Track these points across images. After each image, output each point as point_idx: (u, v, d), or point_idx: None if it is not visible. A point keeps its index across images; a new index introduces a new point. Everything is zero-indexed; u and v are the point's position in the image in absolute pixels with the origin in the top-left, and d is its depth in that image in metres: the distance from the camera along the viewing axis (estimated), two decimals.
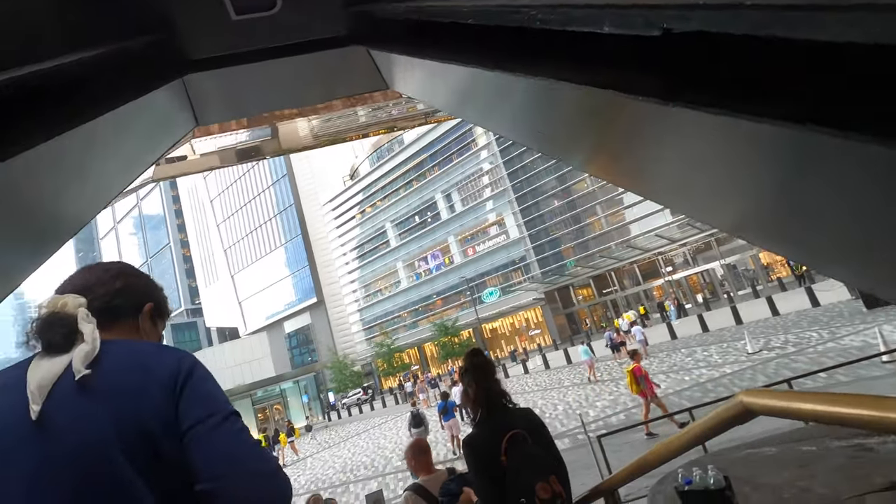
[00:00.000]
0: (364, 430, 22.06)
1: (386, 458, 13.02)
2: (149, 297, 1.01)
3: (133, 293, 0.97)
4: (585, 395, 13.81)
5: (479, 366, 2.22)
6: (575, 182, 42.91)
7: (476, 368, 2.21)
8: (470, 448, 2.07)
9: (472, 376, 2.19)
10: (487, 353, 12.01)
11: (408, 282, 55.00)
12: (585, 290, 44.65)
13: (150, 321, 0.99)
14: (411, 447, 2.88)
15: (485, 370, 2.21)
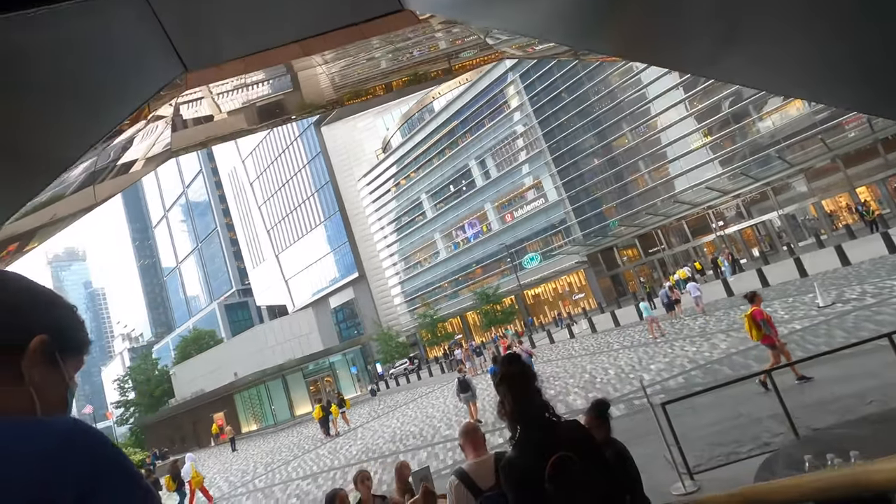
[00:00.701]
0: (412, 399, 22.30)
1: (434, 428, 12.96)
2: (35, 324, 0.65)
3: (13, 325, 0.64)
4: (638, 357, 13.17)
5: (515, 374, 1.89)
6: (615, 137, 40.84)
7: (512, 378, 1.88)
8: (508, 474, 1.75)
9: (508, 387, 1.86)
10: (531, 320, 11.47)
11: (446, 252, 54.82)
12: (630, 251, 43.07)
13: (42, 365, 0.64)
14: (460, 431, 2.68)
15: (523, 379, 1.88)
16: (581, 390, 11.46)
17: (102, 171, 2.96)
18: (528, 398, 1.84)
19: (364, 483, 3.87)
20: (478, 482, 2.30)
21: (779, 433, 5.29)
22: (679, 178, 37.51)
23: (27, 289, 0.68)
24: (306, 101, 3.72)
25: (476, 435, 2.59)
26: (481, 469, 2.37)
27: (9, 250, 2.34)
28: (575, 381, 12.93)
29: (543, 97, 44.29)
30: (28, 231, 2.37)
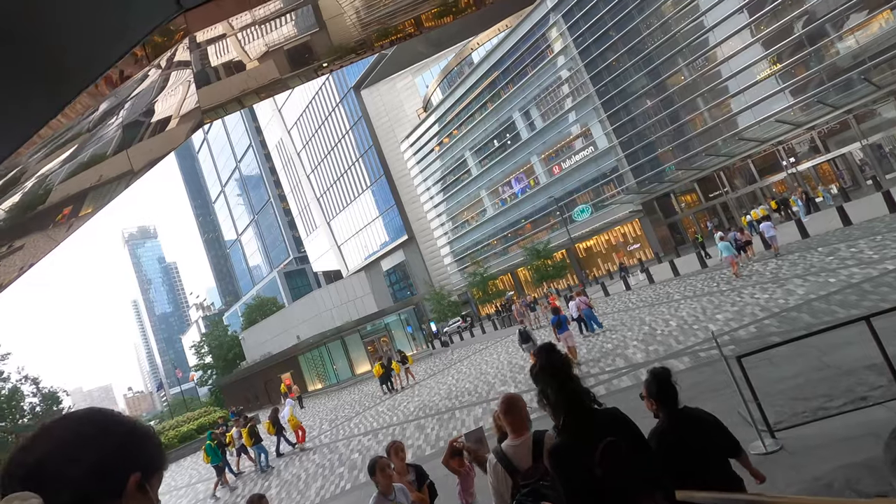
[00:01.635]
0: (466, 356, 22.54)
1: (489, 384, 12.97)
2: (132, 462, 0.72)
3: (111, 466, 0.70)
4: (702, 307, 12.42)
5: (555, 364, 1.96)
6: (670, 75, 37.74)
7: (552, 367, 1.95)
8: (557, 461, 1.83)
9: (551, 377, 1.92)
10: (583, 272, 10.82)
11: (493, 209, 54.02)
12: (689, 196, 40.61)
13: (139, 497, 0.71)
14: (500, 404, 2.47)
15: (562, 368, 1.94)
16: (640, 343, 10.98)
17: (133, 130, 2.81)
18: (571, 387, 1.88)
19: (398, 455, 3.62)
20: (515, 462, 2.23)
21: (878, 385, 4.69)
22: (743, 113, 34.38)
23: (121, 425, 0.73)
24: (335, 44, 3.36)
25: (518, 412, 2.38)
26: (520, 450, 2.26)
27: (64, 213, 2.37)
28: (633, 333, 12.42)
29: (589, 37, 41.37)
30: (78, 193, 2.40)
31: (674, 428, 2.60)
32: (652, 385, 2.72)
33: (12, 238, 2.39)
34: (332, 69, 3.25)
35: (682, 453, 2.51)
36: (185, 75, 2.97)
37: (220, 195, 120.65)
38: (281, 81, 3.66)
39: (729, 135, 34.85)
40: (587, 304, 15.01)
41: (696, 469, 2.48)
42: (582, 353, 12.41)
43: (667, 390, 2.66)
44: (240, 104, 3.63)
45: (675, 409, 2.66)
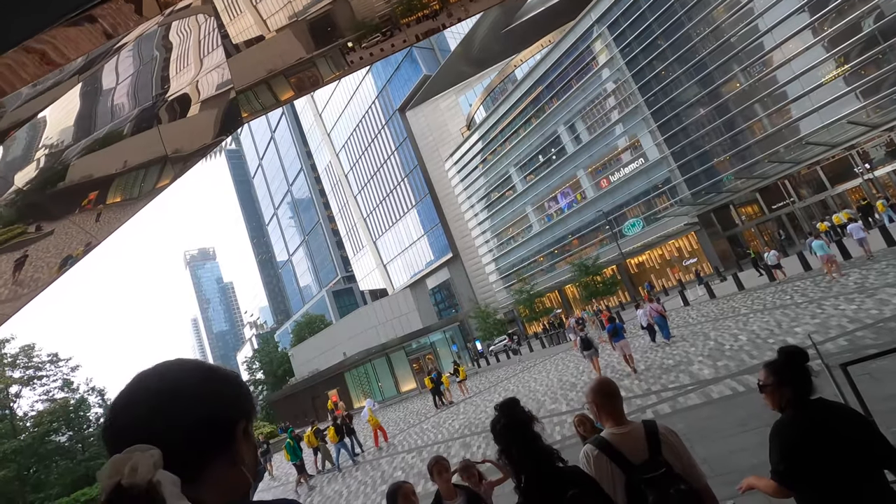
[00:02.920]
0: (513, 374, 21.74)
1: (538, 402, 12.24)
2: (239, 409, 0.74)
3: (223, 415, 0.71)
4: (775, 320, 11.24)
5: (520, 421, 1.88)
6: (724, 81, 36.00)
7: (518, 424, 1.87)
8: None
9: (514, 433, 1.85)
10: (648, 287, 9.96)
11: (539, 225, 53.02)
12: (750, 208, 38.21)
13: (245, 444, 0.73)
14: (594, 388, 2.16)
15: (528, 424, 1.87)
16: (707, 359, 9.99)
17: (154, 105, 2.58)
18: (537, 445, 1.81)
19: (441, 476, 2.98)
20: (627, 454, 1.89)
21: None
22: (807, 118, 32.13)
23: (224, 372, 0.75)
24: (358, 18, 3.01)
25: (618, 397, 2.11)
26: (628, 440, 1.95)
27: (89, 198, 2.19)
28: (697, 349, 11.38)
29: (636, 47, 40.33)
30: (103, 178, 2.21)
31: (810, 421, 2.02)
32: (784, 367, 2.14)
33: (37, 217, 2.18)
34: (362, 57, 2.91)
35: (821, 455, 1.94)
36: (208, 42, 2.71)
37: (273, 217, 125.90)
38: (310, 63, 3.33)
39: (793, 140, 32.65)
40: (659, 312, 14.07)
41: (842, 478, 1.91)
42: (640, 370, 11.48)
43: (803, 374, 2.10)
44: (272, 94, 3.31)
45: (810, 399, 2.08)
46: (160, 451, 0.57)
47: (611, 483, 1.85)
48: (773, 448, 2.08)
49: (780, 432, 2.07)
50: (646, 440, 1.93)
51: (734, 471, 4.64)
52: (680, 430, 6.34)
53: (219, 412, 0.68)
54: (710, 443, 5.53)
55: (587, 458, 1.97)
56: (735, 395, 6.99)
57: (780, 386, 2.13)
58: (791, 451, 2.00)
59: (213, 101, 2.93)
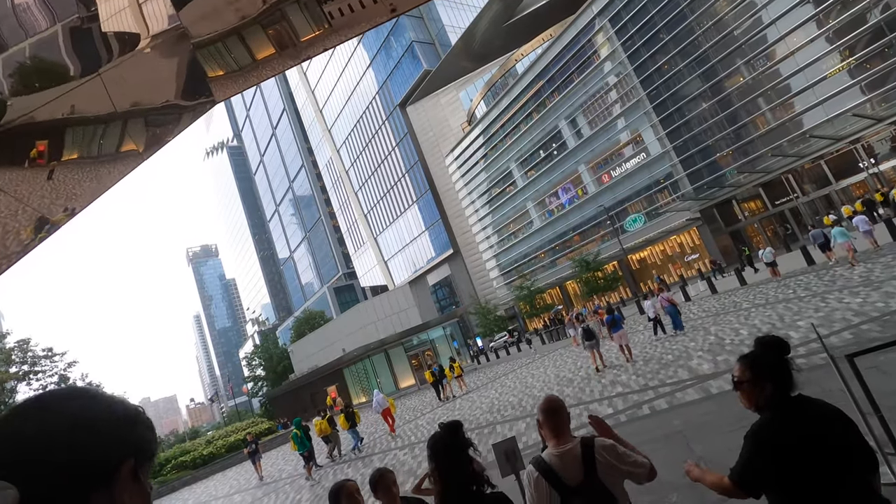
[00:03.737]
0: (511, 370, 21.47)
1: (534, 398, 11.97)
2: (124, 447, 0.64)
3: (100, 452, 0.62)
4: (777, 314, 10.93)
5: (461, 445, 1.95)
6: (726, 74, 35.52)
7: (457, 448, 1.94)
8: None
9: (451, 456, 1.91)
10: (660, 278, 9.52)
11: (540, 221, 52.67)
12: (753, 203, 37.79)
13: (130, 488, 0.63)
14: (540, 405, 2.22)
15: (466, 450, 1.94)
16: (706, 353, 9.70)
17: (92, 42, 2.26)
18: (470, 469, 1.88)
19: (388, 493, 2.53)
20: (563, 477, 1.95)
21: None
22: (811, 111, 31.66)
23: (111, 406, 0.65)
24: None
25: (560, 415, 2.14)
26: (566, 460, 1.99)
27: (39, 149, 1.96)
28: (697, 343, 11.09)
29: (638, 40, 39.86)
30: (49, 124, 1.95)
31: (788, 422, 1.75)
32: (762, 358, 1.86)
33: None
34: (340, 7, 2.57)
35: (802, 459, 1.68)
36: None
37: (275, 214, 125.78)
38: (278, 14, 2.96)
39: (797, 134, 32.21)
40: (670, 301, 13.81)
41: (822, 483, 1.65)
42: (639, 365, 11.20)
43: (783, 367, 1.81)
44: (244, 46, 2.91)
45: (790, 397, 1.80)
46: (16, 492, 0.51)
47: (548, 501, 1.91)
48: (746, 451, 1.80)
49: (757, 435, 1.79)
50: (581, 461, 1.96)
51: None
52: (676, 426, 6.07)
53: (98, 449, 0.60)
54: (707, 440, 5.25)
55: (529, 478, 2.02)
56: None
57: (758, 382, 1.85)
58: (770, 456, 1.72)
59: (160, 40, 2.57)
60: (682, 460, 5.14)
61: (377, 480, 2.57)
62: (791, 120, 32.82)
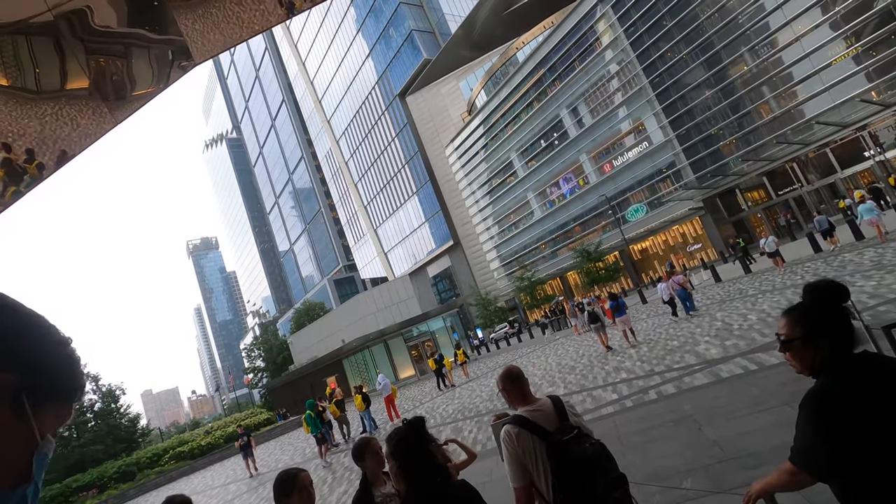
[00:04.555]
0: (512, 360, 21.22)
1: (535, 385, 11.69)
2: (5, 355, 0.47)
3: None
4: (787, 300, 10.59)
5: (423, 439, 1.93)
6: (730, 61, 34.93)
7: (420, 443, 1.92)
8: None
9: (413, 451, 1.90)
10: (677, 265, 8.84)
11: (541, 211, 52.26)
12: (756, 193, 37.37)
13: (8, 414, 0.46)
14: (501, 376, 2.39)
15: (428, 444, 1.93)
16: (714, 339, 9.38)
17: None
18: (433, 463, 1.88)
19: (375, 457, 2.48)
20: (543, 425, 2.08)
21: None
22: (816, 98, 31.12)
23: (13, 317, 0.49)
24: None
25: (523, 380, 2.36)
26: (540, 414, 2.14)
27: None
28: (703, 329, 10.77)
29: (641, 26, 39.22)
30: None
31: (854, 384, 1.37)
32: (815, 309, 1.46)
33: None
34: None
35: (876, 430, 1.31)
36: None
37: (275, 206, 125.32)
38: None
39: (802, 121, 31.70)
40: (681, 284, 13.75)
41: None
42: (643, 352, 10.89)
43: (843, 319, 1.43)
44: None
45: (852, 355, 1.43)
46: None
47: (533, 451, 2.01)
48: (805, 426, 1.41)
49: (816, 401, 1.39)
50: (555, 411, 2.14)
51: (749, 453, 4.04)
52: (686, 411, 5.74)
53: None
54: (720, 424, 4.93)
55: (510, 436, 2.07)
56: (746, 373, 6.38)
57: (812, 339, 1.45)
58: (836, 429, 1.34)
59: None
60: (694, 445, 4.84)
61: (364, 446, 2.52)
62: (796, 107, 32.31)
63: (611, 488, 1.92)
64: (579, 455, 1.95)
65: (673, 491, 3.92)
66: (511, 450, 2.06)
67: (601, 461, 1.97)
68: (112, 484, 21.66)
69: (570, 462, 1.94)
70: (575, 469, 1.93)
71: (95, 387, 31.05)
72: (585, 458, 1.94)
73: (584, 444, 1.99)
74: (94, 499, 20.41)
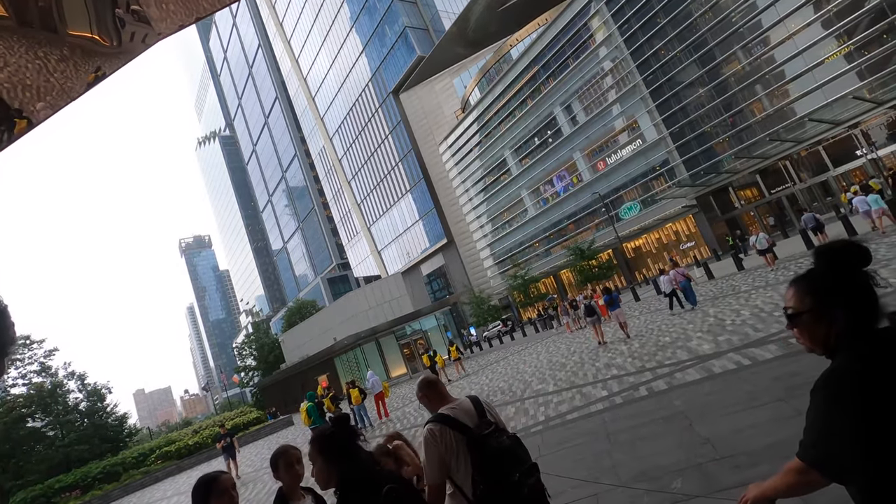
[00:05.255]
0: (503, 357, 20.99)
1: (525, 383, 11.46)
2: None
3: None
4: (781, 294, 10.40)
5: (348, 434, 1.92)
6: (723, 59, 34.82)
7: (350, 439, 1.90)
8: None
9: (343, 448, 1.88)
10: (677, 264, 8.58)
11: (535, 209, 52.08)
12: (749, 191, 37.34)
13: None
14: (419, 384, 2.42)
15: (357, 439, 1.92)
16: (706, 334, 9.17)
17: None
18: (360, 453, 1.88)
19: (289, 471, 2.25)
20: (464, 421, 2.15)
21: None
22: (809, 96, 31.06)
23: None
24: None
25: (439, 384, 2.45)
26: (461, 410, 2.22)
27: None
28: (696, 325, 10.57)
29: (635, 23, 39.06)
30: None
31: (877, 364, 1.10)
32: (828, 275, 1.20)
33: None
34: None
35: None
36: None
37: (268, 205, 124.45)
38: None
39: (795, 119, 31.67)
40: (685, 276, 13.79)
41: None
42: (634, 348, 10.67)
43: (864, 286, 1.17)
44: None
45: (875, 329, 1.17)
46: None
47: (454, 446, 2.08)
48: (818, 415, 1.15)
49: (831, 386, 1.13)
50: (474, 408, 2.23)
51: (743, 452, 3.79)
52: (677, 407, 5.49)
53: None
54: (712, 421, 4.69)
55: (433, 434, 2.11)
56: (740, 368, 6.16)
57: (825, 311, 1.19)
58: (856, 417, 1.07)
59: None
60: (685, 443, 4.60)
61: (279, 457, 2.30)
62: (788, 105, 32.27)
63: (525, 476, 2.06)
64: (497, 447, 2.08)
65: (661, 494, 3.66)
66: (433, 447, 2.11)
67: (517, 452, 2.12)
68: (96, 484, 21.23)
69: (489, 454, 2.06)
70: (493, 461, 2.06)
71: (81, 385, 30.51)
72: (503, 450, 2.08)
73: (502, 437, 2.12)
74: (77, 500, 19.98)
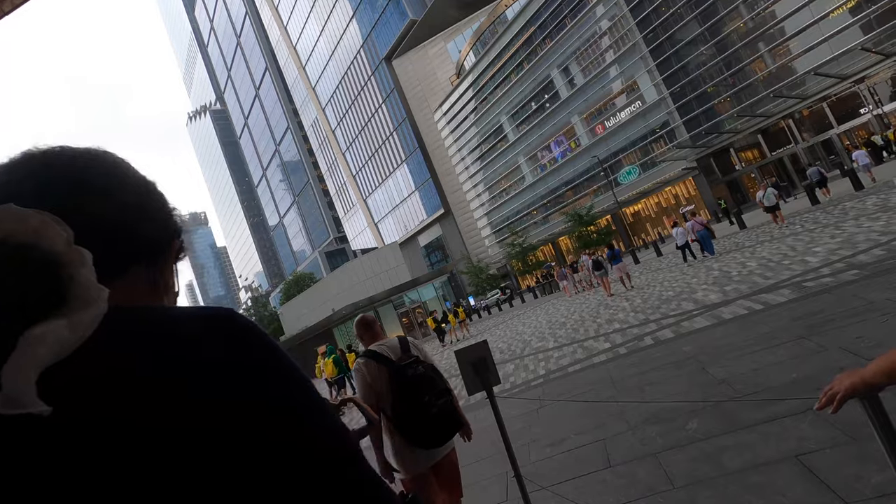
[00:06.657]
0: (503, 321, 20.83)
1: (524, 342, 11.21)
2: (174, 224, 0.56)
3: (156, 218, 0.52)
4: (788, 246, 10.03)
5: None
6: (726, 13, 33.52)
7: None
8: None
9: None
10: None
11: (532, 176, 51.29)
12: (750, 152, 36.61)
13: (170, 270, 0.56)
14: (356, 323, 2.80)
15: None
16: (712, 286, 8.84)
17: None
18: None
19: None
20: (387, 355, 2.46)
21: None
22: (812, 51, 29.99)
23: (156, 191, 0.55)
24: None
25: (376, 325, 2.77)
26: (386, 346, 2.52)
27: None
28: (700, 279, 10.24)
29: None
30: None
31: None
32: None
33: None
34: None
35: None
36: None
37: (263, 179, 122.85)
38: None
39: (801, 74, 30.71)
40: (704, 225, 13.68)
41: None
42: (636, 303, 10.36)
43: None
44: None
45: None
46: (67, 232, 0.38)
47: (379, 376, 2.40)
48: None
49: None
50: (399, 344, 2.57)
51: (766, 388, 3.46)
52: (687, 352, 5.12)
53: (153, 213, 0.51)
54: (729, 362, 4.36)
55: (359, 368, 2.45)
56: (752, 313, 5.82)
57: None
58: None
59: None
60: (697, 385, 4.28)
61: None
62: (792, 60, 31.24)
63: (435, 398, 2.35)
64: (412, 375, 2.38)
65: (677, 433, 3.34)
66: (361, 377, 2.42)
67: (430, 378, 2.40)
68: None
69: (405, 381, 2.36)
70: (409, 387, 2.35)
71: None
72: (417, 376, 2.38)
73: (418, 367, 2.41)
74: None
